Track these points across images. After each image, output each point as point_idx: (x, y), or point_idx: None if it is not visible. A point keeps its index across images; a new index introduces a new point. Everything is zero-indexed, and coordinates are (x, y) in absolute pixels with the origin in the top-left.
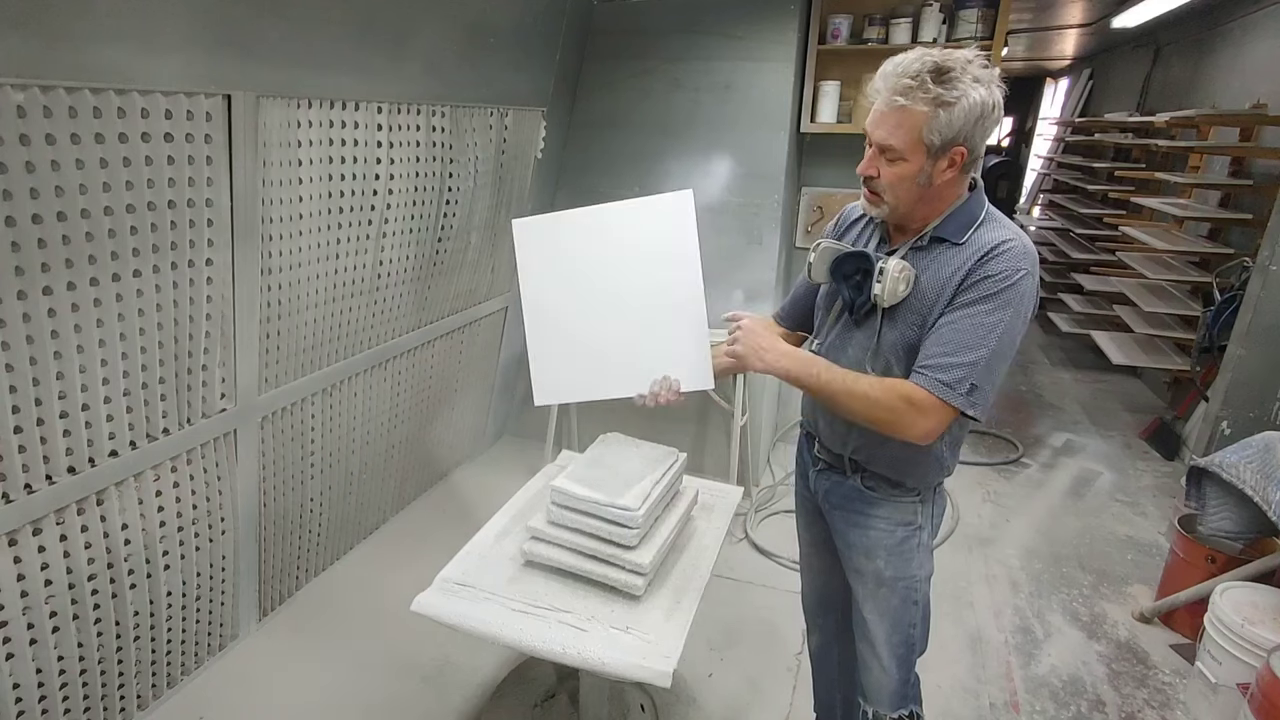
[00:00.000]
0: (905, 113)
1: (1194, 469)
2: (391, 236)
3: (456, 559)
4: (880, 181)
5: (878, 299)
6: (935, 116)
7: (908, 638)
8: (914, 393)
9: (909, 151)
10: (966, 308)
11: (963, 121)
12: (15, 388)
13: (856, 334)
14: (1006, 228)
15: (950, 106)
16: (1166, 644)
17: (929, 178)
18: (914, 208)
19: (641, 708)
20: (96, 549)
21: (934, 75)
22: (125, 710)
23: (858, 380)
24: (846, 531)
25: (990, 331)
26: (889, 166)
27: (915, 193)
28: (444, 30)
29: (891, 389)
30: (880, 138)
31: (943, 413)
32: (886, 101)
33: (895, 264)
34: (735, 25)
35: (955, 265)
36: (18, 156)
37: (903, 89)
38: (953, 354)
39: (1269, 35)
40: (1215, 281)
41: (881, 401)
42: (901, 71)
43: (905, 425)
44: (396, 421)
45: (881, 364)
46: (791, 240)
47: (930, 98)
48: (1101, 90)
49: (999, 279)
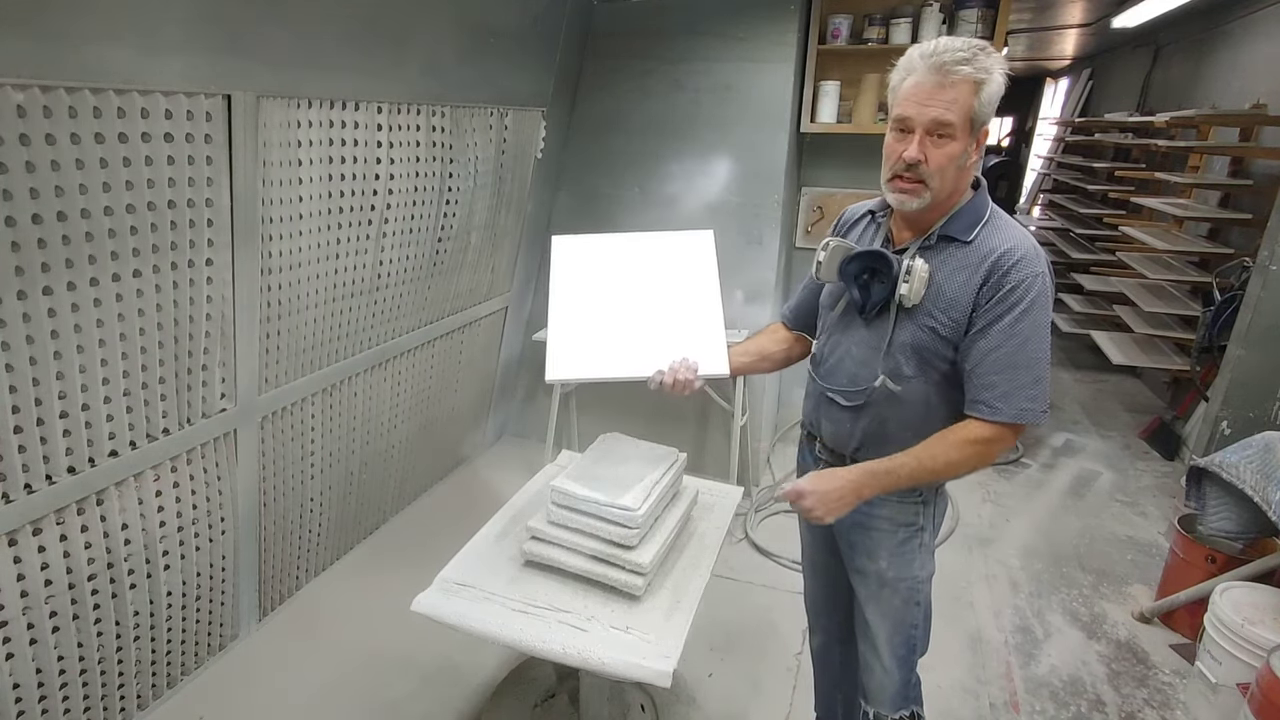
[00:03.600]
0: (959, 88)
1: (1194, 469)
2: (391, 236)
3: (456, 559)
4: (927, 166)
5: (904, 299)
6: (979, 93)
7: (909, 638)
8: (983, 432)
9: (960, 129)
10: (1007, 329)
11: (992, 100)
12: (15, 388)
13: (864, 334)
14: (1013, 229)
15: (986, 84)
16: (1166, 644)
17: (964, 160)
18: (945, 197)
19: (641, 708)
20: (96, 549)
21: (972, 52)
22: (125, 710)
23: (931, 455)
24: (848, 532)
25: (1039, 345)
26: (937, 148)
27: (954, 177)
28: (444, 30)
29: (961, 442)
30: (936, 114)
31: (1017, 431)
32: (938, 79)
33: (921, 264)
34: (735, 26)
35: (967, 267)
36: (18, 156)
37: (958, 61)
38: (1015, 379)
39: (1269, 35)
40: (1215, 281)
41: (972, 456)
42: (945, 49)
43: (993, 458)
44: (396, 421)
45: (891, 364)
46: (791, 240)
47: (978, 71)
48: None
49: (1024, 289)
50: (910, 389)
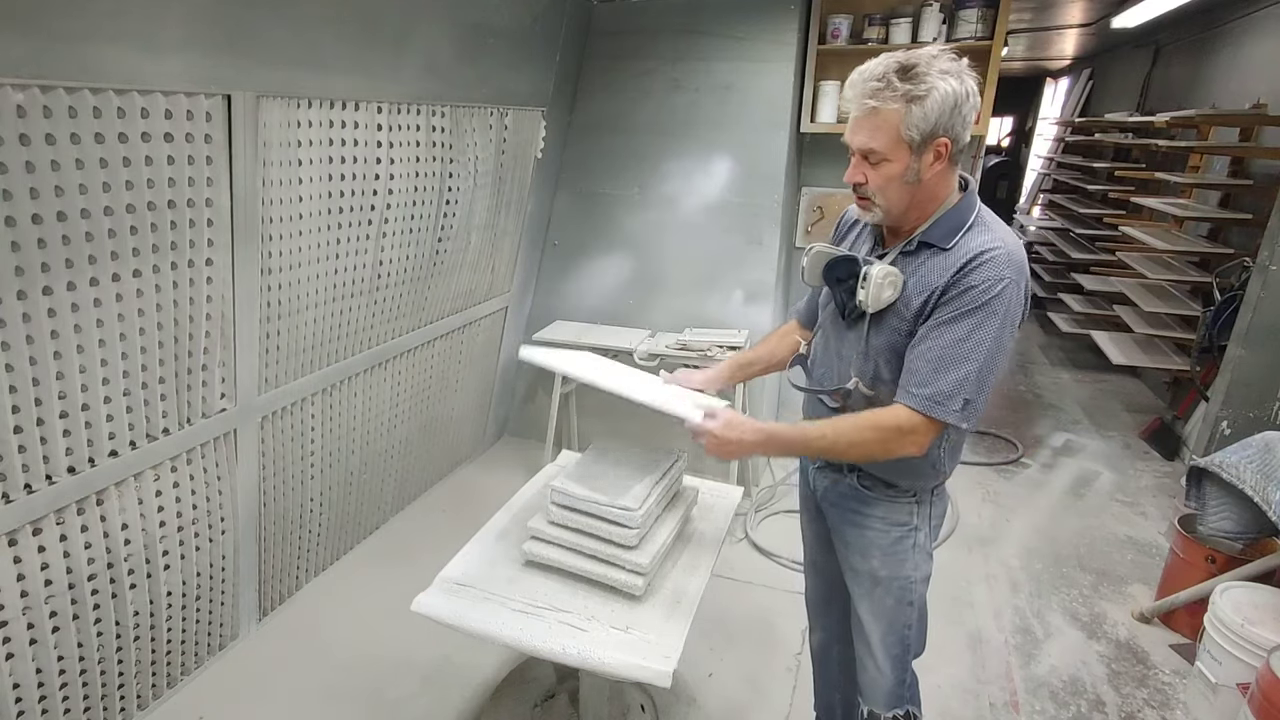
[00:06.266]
0: (879, 114)
1: (1194, 469)
2: (391, 236)
3: (456, 559)
4: (869, 186)
5: (862, 304)
6: (909, 112)
7: (902, 638)
8: (904, 419)
9: (891, 151)
10: (950, 323)
11: (938, 113)
12: (15, 388)
13: (849, 336)
14: (993, 233)
15: (922, 100)
16: (1166, 644)
17: (917, 174)
18: (908, 208)
19: (641, 708)
20: (96, 549)
21: (900, 74)
22: (125, 710)
23: (838, 431)
24: (843, 530)
25: (979, 345)
26: (875, 170)
27: (906, 191)
28: (444, 30)
29: (878, 424)
30: (860, 143)
31: (935, 429)
32: (859, 107)
33: (879, 270)
34: (735, 25)
35: (940, 272)
36: (18, 156)
37: (871, 92)
38: (941, 370)
39: (1269, 35)
40: (1215, 281)
41: (872, 440)
42: (868, 76)
43: (902, 449)
44: (396, 421)
45: (871, 367)
46: (791, 240)
47: (900, 95)
48: (1101, 90)
49: (981, 290)
50: (889, 392)
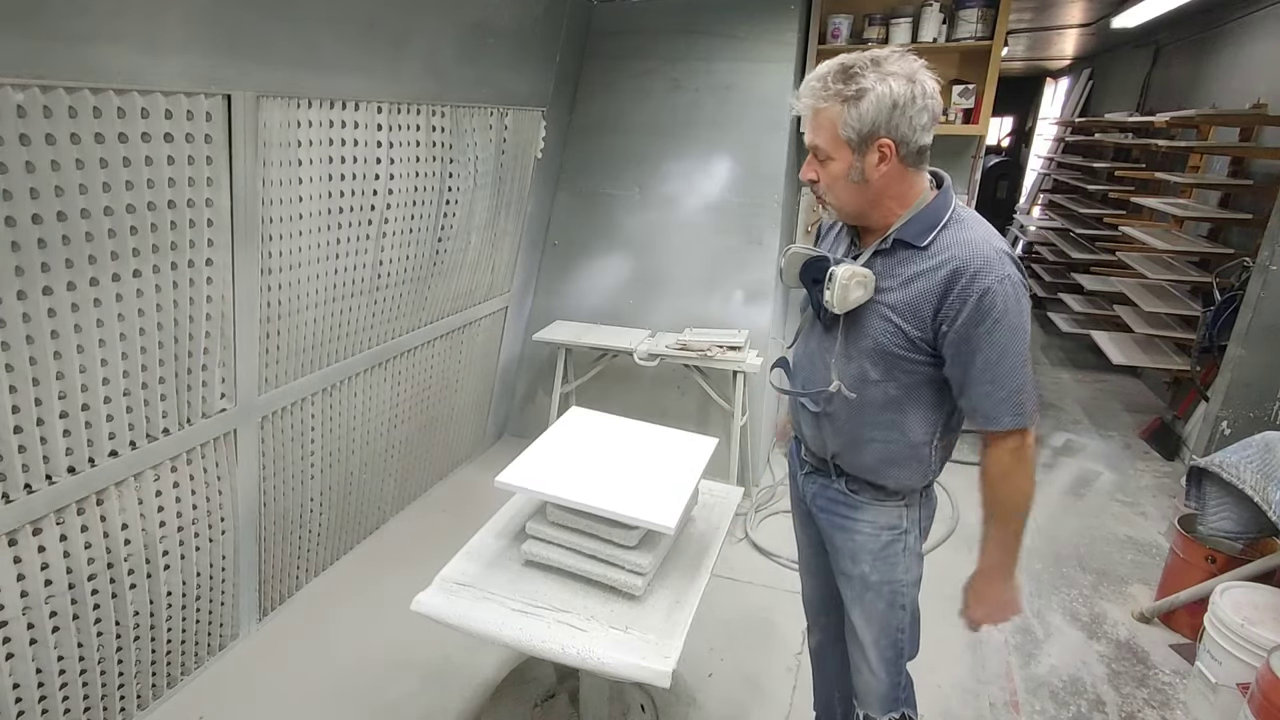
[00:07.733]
0: (819, 114)
1: (1194, 469)
2: (391, 236)
3: (456, 559)
4: (820, 185)
5: (829, 305)
6: (845, 113)
7: (895, 642)
8: (1010, 446)
9: (833, 150)
10: (985, 340)
11: (874, 114)
12: (15, 388)
13: (825, 338)
14: (972, 230)
15: (856, 101)
16: (1166, 644)
17: (861, 173)
18: (864, 207)
19: (641, 708)
20: (96, 549)
21: (836, 75)
22: (125, 710)
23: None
24: (833, 534)
25: (1018, 347)
26: (824, 168)
27: (854, 190)
28: (444, 30)
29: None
30: (809, 140)
31: (1028, 431)
32: (804, 107)
33: (844, 270)
34: (735, 25)
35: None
36: (18, 156)
37: (811, 92)
38: (1003, 390)
39: (1269, 35)
40: (1215, 281)
41: (1014, 483)
42: (813, 77)
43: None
44: (396, 421)
45: (855, 369)
46: (791, 240)
47: (833, 94)
48: (1101, 90)
49: (991, 295)
50: (876, 393)
